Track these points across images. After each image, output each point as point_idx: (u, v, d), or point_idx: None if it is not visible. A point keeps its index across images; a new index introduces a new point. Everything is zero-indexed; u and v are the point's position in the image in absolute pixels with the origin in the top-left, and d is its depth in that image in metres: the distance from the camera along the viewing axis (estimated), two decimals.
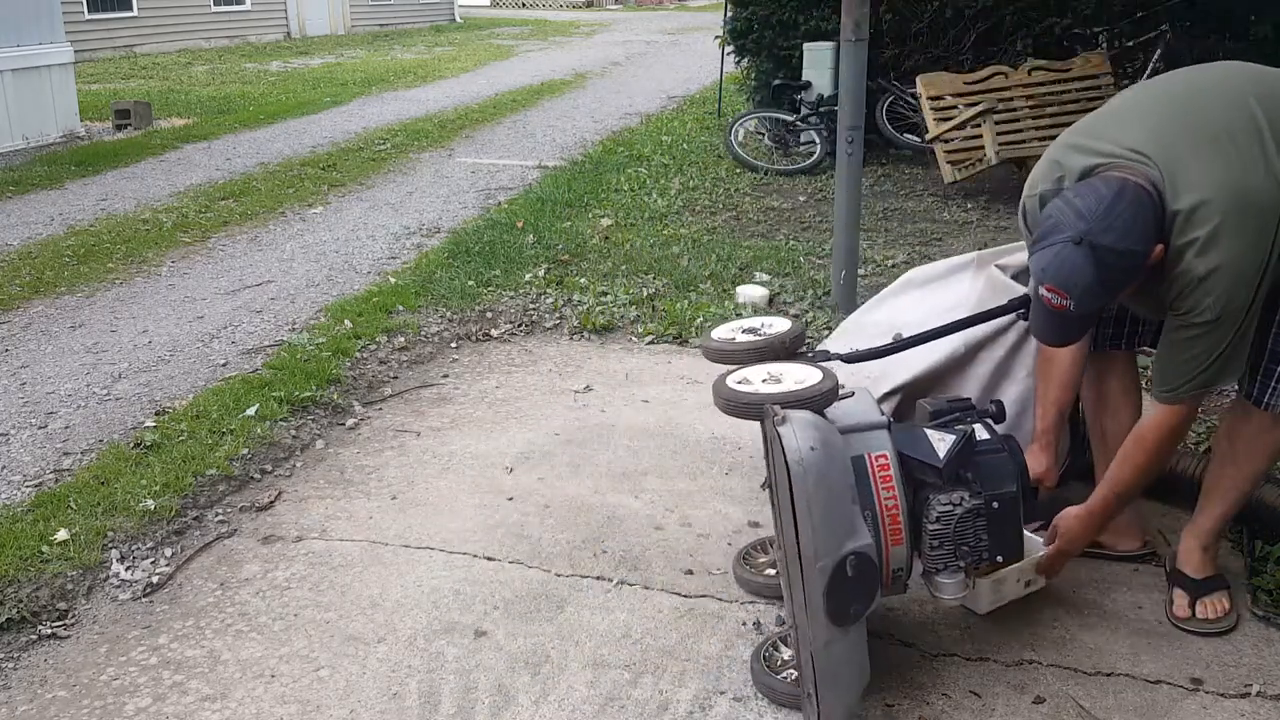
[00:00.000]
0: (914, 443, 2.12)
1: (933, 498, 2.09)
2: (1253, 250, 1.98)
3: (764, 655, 2.24)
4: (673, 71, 14.75)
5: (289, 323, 4.62)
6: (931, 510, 2.09)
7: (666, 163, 8.01)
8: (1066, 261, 1.99)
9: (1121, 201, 1.98)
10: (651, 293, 4.82)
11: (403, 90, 12.90)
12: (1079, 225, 1.98)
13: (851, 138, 4.43)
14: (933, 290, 2.96)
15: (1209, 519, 2.43)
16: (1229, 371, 2.10)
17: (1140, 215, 1.98)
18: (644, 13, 30.93)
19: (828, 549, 1.85)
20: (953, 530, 2.09)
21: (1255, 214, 1.97)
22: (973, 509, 2.09)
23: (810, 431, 1.85)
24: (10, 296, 5.02)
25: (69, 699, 2.25)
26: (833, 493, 1.85)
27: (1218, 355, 2.05)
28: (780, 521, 2.14)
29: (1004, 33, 7.53)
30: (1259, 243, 1.98)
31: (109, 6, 16.66)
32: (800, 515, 1.85)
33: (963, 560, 2.13)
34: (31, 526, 2.88)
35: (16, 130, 8.85)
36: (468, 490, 3.11)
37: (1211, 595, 2.41)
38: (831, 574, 1.85)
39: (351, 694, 2.24)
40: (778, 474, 1.95)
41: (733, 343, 2.36)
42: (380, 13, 23.69)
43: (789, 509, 1.91)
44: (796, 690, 2.12)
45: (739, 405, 2.08)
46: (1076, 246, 1.97)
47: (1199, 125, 2.06)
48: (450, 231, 6.13)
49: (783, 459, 1.86)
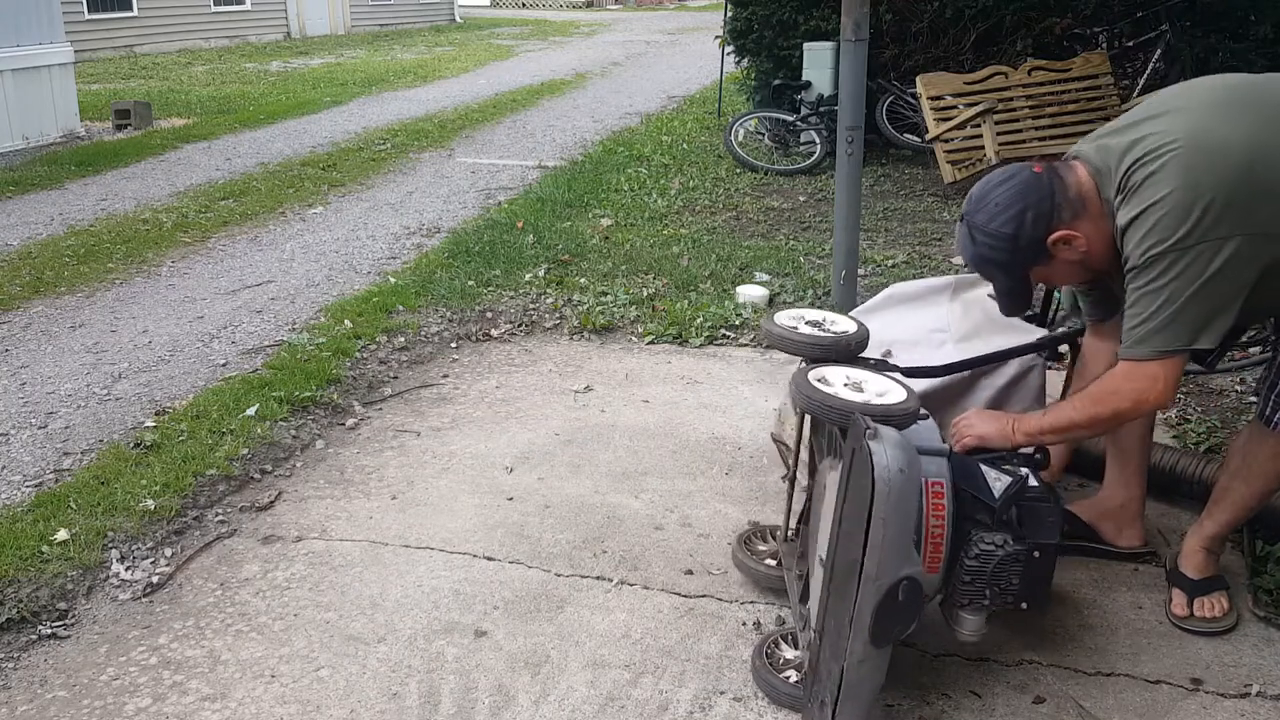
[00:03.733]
0: (969, 476, 2.08)
1: (976, 534, 2.05)
2: (1187, 193, 1.92)
3: (766, 652, 2.24)
4: (673, 71, 14.75)
5: (289, 323, 4.62)
6: (973, 546, 2.05)
7: (666, 163, 8.01)
8: (960, 238, 2.23)
9: (1004, 185, 2.12)
10: (651, 293, 4.82)
11: (403, 90, 12.90)
12: (966, 206, 2.18)
13: (851, 138, 4.43)
14: (915, 309, 2.97)
15: (1215, 525, 2.42)
16: (1182, 332, 1.98)
17: (1017, 199, 2.09)
18: (644, 13, 30.92)
19: (886, 570, 1.82)
20: (990, 570, 2.05)
21: (1195, 163, 1.94)
22: (1014, 554, 2.05)
23: (900, 453, 1.81)
24: (10, 296, 5.02)
25: (69, 699, 2.25)
26: (905, 517, 1.82)
27: (1161, 307, 1.97)
28: (825, 529, 2.08)
29: (1004, 33, 7.53)
30: (1195, 187, 1.92)
31: (109, 6, 16.67)
32: (873, 533, 1.81)
33: (989, 601, 2.09)
34: (31, 526, 2.88)
35: (16, 130, 8.85)
36: (468, 490, 3.11)
37: (1211, 595, 2.41)
38: (885, 595, 1.82)
39: (351, 694, 2.24)
40: (850, 486, 1.89)
41: (795, 332, 2.31)
42: (380, 13, 23.68)
43: (855, 522, 1.85)
44: (797, 692, 2.12)
45: (823, 408, 2.03)
46: (960, 224, 2.22)
47: None
48: (450, 231, 6.14)
49: (868, 475, 1.80)
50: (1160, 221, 1.95)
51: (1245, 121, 1.99)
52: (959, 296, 2.89)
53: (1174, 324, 1.98)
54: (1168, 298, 1.97)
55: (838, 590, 1.91)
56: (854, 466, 1.87)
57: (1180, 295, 1.96)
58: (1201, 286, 1.95)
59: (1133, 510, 2.63)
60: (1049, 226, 2.09)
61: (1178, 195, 1.94)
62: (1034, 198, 2.09)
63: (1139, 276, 2.00)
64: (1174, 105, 2.09)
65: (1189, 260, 1.94)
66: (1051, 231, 2.10)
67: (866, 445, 1.82)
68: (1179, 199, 1.93)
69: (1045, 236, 2.10)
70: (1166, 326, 1.99)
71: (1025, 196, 2.10)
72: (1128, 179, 2.02)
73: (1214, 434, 3.26)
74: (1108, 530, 2.63)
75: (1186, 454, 2.91)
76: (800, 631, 2.24)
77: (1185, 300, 1.96)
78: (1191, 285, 1.95)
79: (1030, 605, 2.13)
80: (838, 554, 1.91)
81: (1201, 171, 1.94)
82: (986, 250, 2.15)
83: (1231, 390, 3.63)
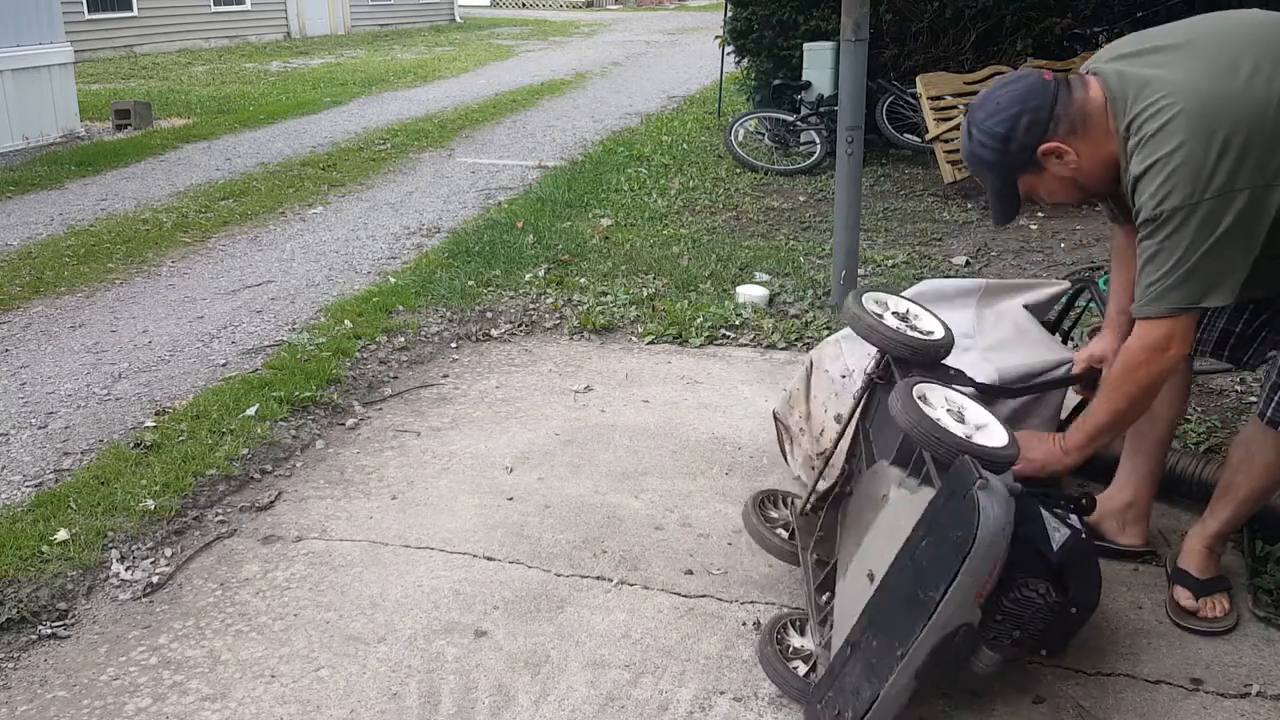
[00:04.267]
0: (1030, 520, 2.00)
1: (1023, 578, 1.98)
2: (1198, 145, 1.91)
3: (776, 638, 2.22)
4: (673, 71, 14.76)
5: (289, 323, 4.63)
6: (1017, 590, 1.98)
7: (666, 163, 8.01)
8: (961, 132, 2.22)
9: (1009, 86, 2.12)
10: (651, 293, 4.82)
11: (403, 90, 12.91)
12: (974, 101, 2.19)
13: (851, 138, 4.43)
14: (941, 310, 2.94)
15: (1217, 522, 2.41)
16: (1195, 289, 1.97)
17: (1016, 101, 2.08)
18: (644, 13, 30.93)
19: (955, 617, 1.80)
20: (1026, 615, 2.00)
21: (1207, 113, 1.92)
22: (1054, 605, 1.99)
23: (1005, 512, 1.75)
24: (10, 296, 5.02)
25: (69, 699, 2.25)
26: (988, 569, 1.79)
27: (1176, 265, 1.96)
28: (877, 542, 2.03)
29: (1004, 33, 7.54)
30: (1207, 139, 1.91)
31: (109, 6, 16.67)
32: (958, 584, 1.76)
33: (1012, 642, 2.03)
34: (31, 526, 2.88)
35: (16, 130, 8.85)
36: (468, 490, 3.11)
37: (1213, 595, 2.41)
38: (944, 638, 1.80)
39: (351, 694, 2.24)
40: (938, 523, 1.81)
41: (883, 323, 2.23)
42: (380, 13, 23.69)
43: (936, 562, 1.79)
44: (804, 685, 2.11)
45: (930, 438, 1.90)
46: (964, 117, 2.20)
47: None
48: (450, 231, 6.14)
49: (969, 526, 1.74)
50: (1172, 176, 1.93)
51: (1263, 69, 1.96)
52: (988, 303, 2.82)
53: (1188, 282, 1.97)
54: (1182, 255, 1.95)
55: (889, 614, 1.86)
56: (949, 509, 1.80)
57: (1195, 252, 1.94)
58: (1215, 243, 1.93)
59: (1138, 510, 2.62)
60: (1042, 135, 2.07)
61: (1189, 148, 1.91)
62: (1033, 103, 2.07)
63: (1153, 232, 1.98)
64: (1195, 40, 2.05)
65: (1202, 216, 1.92)
66: (1044, 140, 2.08)
67: (975, 496, 1.74)
68: (1190, 152, 1.91)
69: (1037, 144, 2.08)
70: (1182, 284, 1.97)
71: (1025, 100, 2.07)
72: (1140, 124, 1.99)
73: (1214, 434, 3.26)
74: (1110, 528, 2.63)
75: (1186, 454, 2.91)
76: (816, 626, 2.21)
77: (1199, 258, 1.94)
78: (1205, 242, 1.93)
79: (1049, 652, 2.12)
80: (898, 580, 1.85)
81: (1213, 122, 1.91)
82: (979, 148, 2.13)
83: (1231, 390, 3.63)
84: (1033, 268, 5.20)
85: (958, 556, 1.74)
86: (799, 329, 4.34)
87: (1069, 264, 5.19)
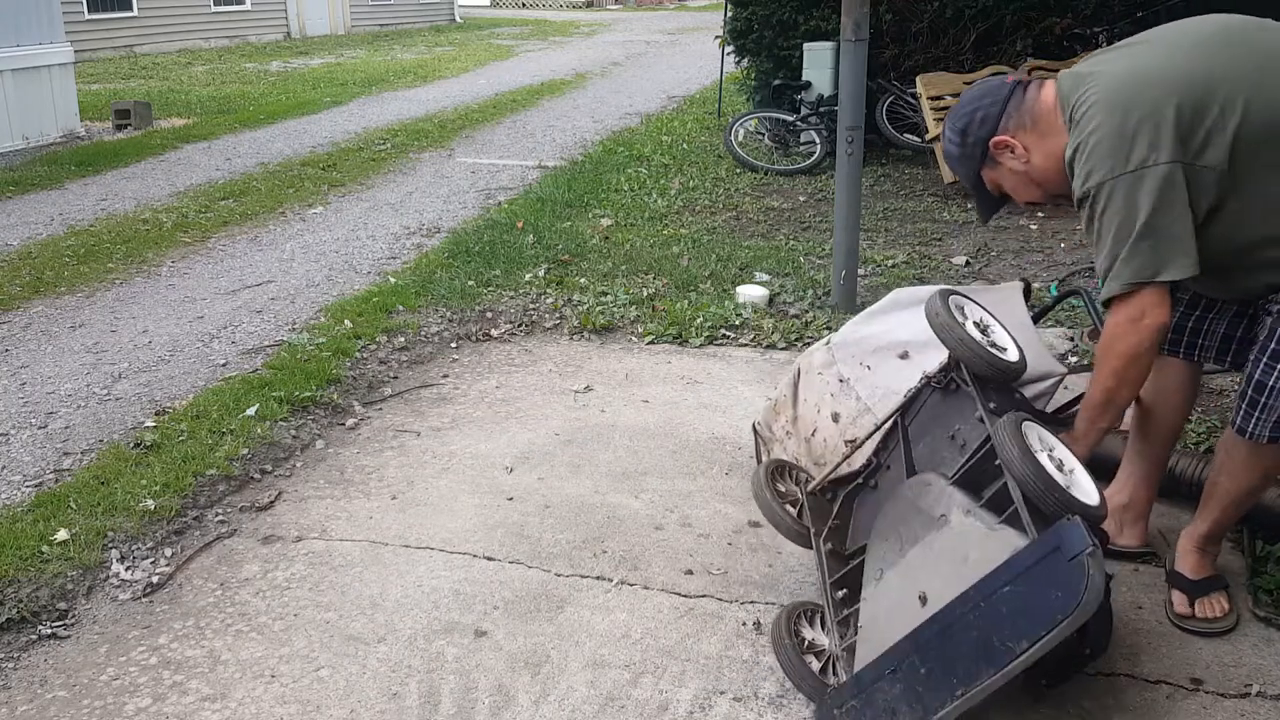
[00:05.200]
0: None
1: None
2: (1115, 122, 1.95)
3: (792, 629, 2.21)
4: (673, 71, 14.75)
5: (289, 323, 4.63)
6: None
7: (666, 163, 8.01)
8: None
9: (975, 88, 2.25)
10: (651, 293, 4.82)
11: (403, 90, 12.91)
12: None
13: (851, 138, 4.44)
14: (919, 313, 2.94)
15: (1205, 524, 2.42)
16: (1145, 263, 1.98)
17: (974, 101, 2.21)
18: (644, 13, 30.93)
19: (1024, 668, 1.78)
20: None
21: (1125, 92, 1.98)
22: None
23: (1103, 580, 1.73)
24: (10, 296, 5.02)
25: (69, 699, 2.25)
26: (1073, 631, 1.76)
27: (1116, 241, 1.98)
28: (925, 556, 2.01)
29: (1004, 33, 7.53)
30: (1124, 116, 1.95)
31: (109, 6, 16.67)
32: (1046, 639, 1.73)
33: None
34: (31, 526, 2.88)
35: (16, 130, 8.85)
36: (468, 490, 3.11)
37: (1210, 595, 2.41)
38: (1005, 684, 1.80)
39: (351, 694, 2.24)
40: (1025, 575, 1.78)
41: (965, 330, 2.20)
42: (380, 13, 23.69)
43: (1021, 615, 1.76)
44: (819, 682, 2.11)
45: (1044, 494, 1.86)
46: None
47: None
48: (450, 231, 6.14)
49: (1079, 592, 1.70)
50: (1093, 154, 1.99)
51: (1196, 55, 2.02)
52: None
53: (1137, 257, 1.99)
54: (1118, 230, 1.99)
55: (948, 649, 1.84)
56: (1049, 565, 1.76)
57: (1130, 227, 1.97)
58: (1151, 216, 1.96)
59: (1135, 512, 2.63)
60: (993, 130, 2.18)
61: (1108, 125, 1.98)
62: (987, 101, 2.20)
63: (1087, 212, 2.04)
64: (1151, 37, 2.15)
65: (1126, 189, 1.96)
66: (994, 135, 2.18)
67: (1086, 563, 1.70)
68: (1108, 130, 1.98)
69: (989, 139, 2.19)
70: (1132, 259, 1.99)
71: (981, 100, 2.21)
72: (1074, 110, 2.07)
73: (1214, 434, 3.26)
74: (1109, 528, 2.63)
75: (1186, 454, 2.91)
76: (835, 625, 2.19)
77: (1139, 232, 1.97)
78: (1138, 215, 1.96)
79: (1050, 685, 2.12)
80: (965, 616, 1.82)
81: (1129, 101, 1.97)
82: (948, 144, 2.28)
83: (1231, 390, 3.63)
84: (1033, 268, 5.20)
85: (1053, 615, 1.72)
86: (799, 329, 4.34)
87: (1069, 264, 5.19)
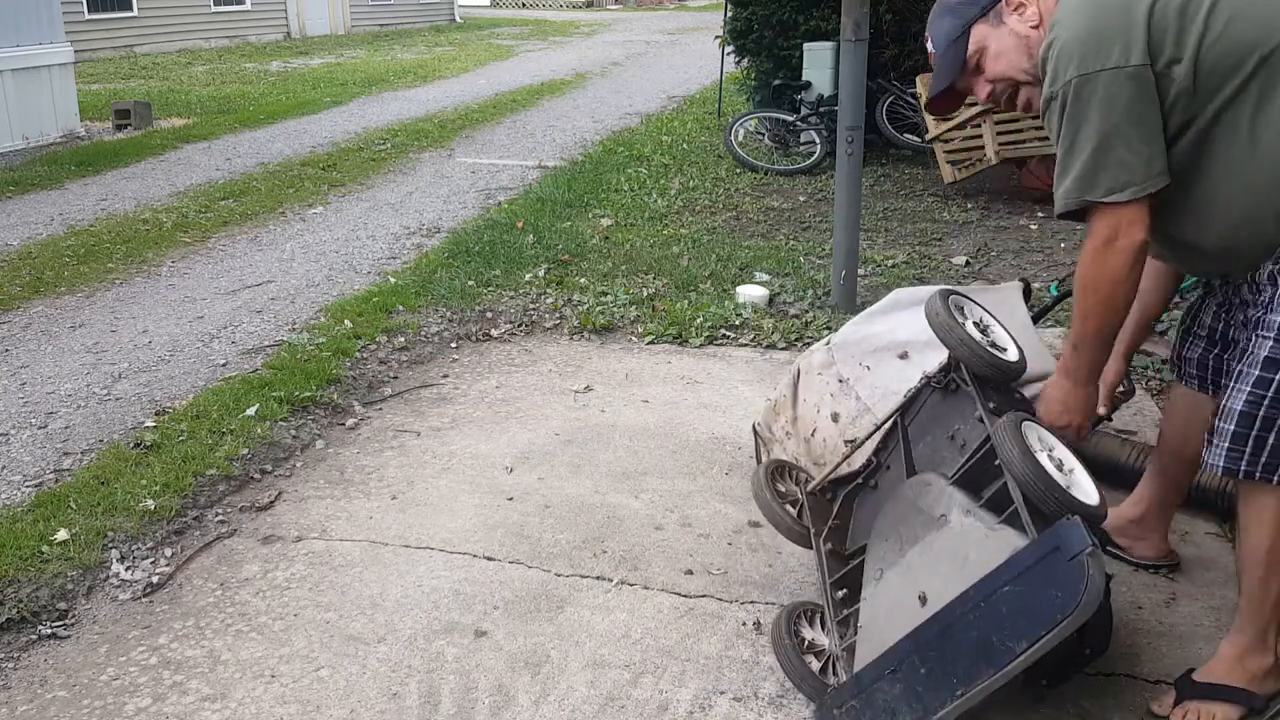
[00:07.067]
0: None
1: None
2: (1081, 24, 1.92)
3: (793, 629, 2.21)
4: (673, 71, 14.75)
5: (289, 323, 4.63)
6: None
7: (666, 163, 8.01)
8: None
9: None
10: (651, 293, 4.82)
11: (403, 90, 12.91)
12: None
13: (851, 138, 4.44)
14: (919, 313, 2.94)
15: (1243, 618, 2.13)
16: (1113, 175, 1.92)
17: None
18: (644, 13, 30.93)
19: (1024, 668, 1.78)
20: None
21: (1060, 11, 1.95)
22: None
23: (1103, 580, 1.72)
24: (10, 296, 5.02)
25: (69, 699, 2.25)
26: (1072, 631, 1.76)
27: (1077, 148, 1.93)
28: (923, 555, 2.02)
29: None
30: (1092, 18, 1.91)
31: (109, 6, 16.67)
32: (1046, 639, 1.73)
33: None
34: (31, 526, 2.88)
35: (16, 130, 8.84)
36: (468, 490, 3.11)
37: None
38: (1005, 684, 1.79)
39: (351, 694, 2.24)
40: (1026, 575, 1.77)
41: (965, 330, 2.18)
42: (380, 13, 23.69)
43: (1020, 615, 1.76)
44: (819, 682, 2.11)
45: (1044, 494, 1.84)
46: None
47: None
48: (450, 231, 6.14)
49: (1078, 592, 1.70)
50: (1061, 55, 1.93)
51: None
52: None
53: (1103, 169, 1.92)
54: (1079, 136, 1.93)
55: (948, 648, 1.84)
56: (1048, 565, 1.75)
57: (1094, 133, 1.92)
58: (1119, 123, 1.90)
59: (1147, 526, 2.60)
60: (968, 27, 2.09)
61: (1072, 29, 1.93)
62: None
63: (1055, 117, 1.97)
64: None
65: (1090, 91, 1.90)
66: None
67: (1085, 563, 1.69)
68: (1073, 32, 1.92)
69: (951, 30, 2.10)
70: (1099, 170, 1.93)
71: None
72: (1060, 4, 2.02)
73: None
74: (1124, 540, 2.62)
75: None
76: (835, 626, 2.19)
77: (1102, 140, 1.91)
78: (1103, 121, 1.91)
79: (1050, 685, 2.11)
80: (965, 616, 1.82)
81: (1061, 22, 1.95)
82: (937, 43, 2.14)
83: None
84: (1033, 268, 5.20)
85: (1052, 615, 1.71)
86: (799, 329, 4.34)
87: (1069, 264, 5.19)
